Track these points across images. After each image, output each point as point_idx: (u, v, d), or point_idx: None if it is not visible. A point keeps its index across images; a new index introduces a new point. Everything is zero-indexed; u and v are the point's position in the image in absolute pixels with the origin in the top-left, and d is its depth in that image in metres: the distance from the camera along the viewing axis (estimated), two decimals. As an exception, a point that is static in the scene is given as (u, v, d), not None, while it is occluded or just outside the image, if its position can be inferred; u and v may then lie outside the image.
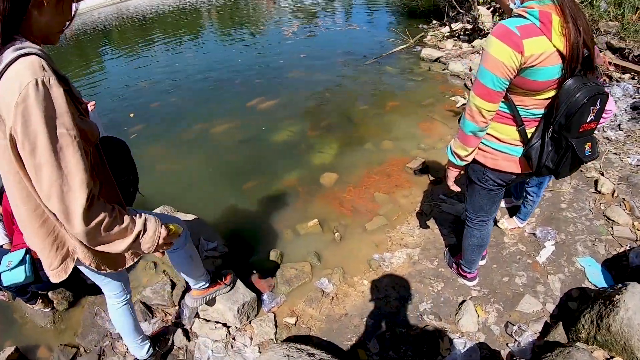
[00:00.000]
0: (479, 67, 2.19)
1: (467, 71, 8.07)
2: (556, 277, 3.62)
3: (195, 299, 3.29)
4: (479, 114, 2.25)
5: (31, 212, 1.73)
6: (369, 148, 5.99)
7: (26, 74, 1.37)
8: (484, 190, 2.79)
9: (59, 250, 1.87)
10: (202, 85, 9.23)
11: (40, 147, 1.42)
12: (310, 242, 4.39)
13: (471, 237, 3.21)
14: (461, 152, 2.48)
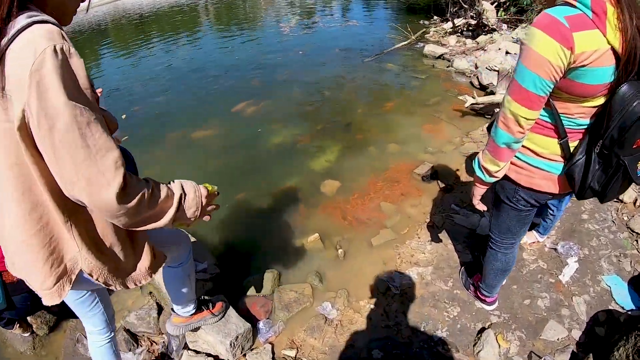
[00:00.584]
0: (517, 66, 1.81)
1: (473, 68, 7.75)
2: (581, 298, 3.26)
3: (176, 327, 2.95)
4: (516, 122, 1.86)
5: (26, 215, 1.44)
6: (372, 152, 5.62)
7: (42, 40, 1.17)
8: (513, 211, 2.41)
9: (54, 267, 1.55)
10: (197, 84, 8.93)
11: (62, 122, 1.20)
12: (311, 259, 4.02)
13: (495, 261, 2.84)
14: (491, 167, 2.09)
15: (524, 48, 1.76)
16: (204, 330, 3.07)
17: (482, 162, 2.14)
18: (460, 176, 4.78)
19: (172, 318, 2.95)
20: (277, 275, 3.82)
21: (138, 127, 7.12)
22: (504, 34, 8.80)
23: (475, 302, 3.32)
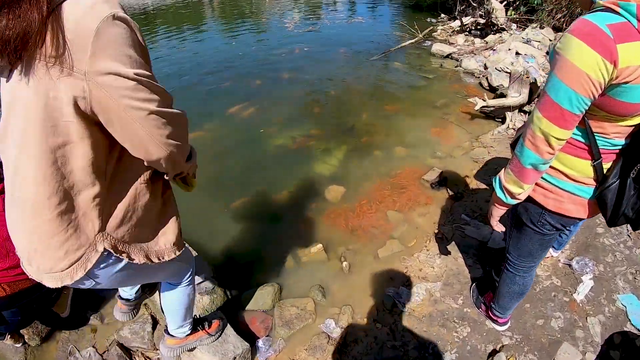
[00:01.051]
0: (550, 78, 1.59)
1: (482, 69, 7.58)
2: (596, 319, 3.08)
3: (170, 349, 2.79)
4: (545, 142, 1.66)
5: (52, 195, 1.34)
6: (378, 156, 5.43)
7: (103, 5, 1.16)
8: (537, 235, 2.22)
9: (68, 253, 1.46)
10: (198, 82, 8.74)
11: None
12: (314, 272, 3.82)
13: (512, 284, 2.65)
14: (515, 189, 1.89)
15: (558, 58, 1.54)
16: (199, 350, 2.91)
17: (504, 182, 1.93)
18: (470, 183, 4.59)
19: (165, 339, 2.79)
20: (278, 288, 3.64)
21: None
22: (514, 33, 8.61)
23: (486, 321, 3.14)
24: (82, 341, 3.41)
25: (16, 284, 2.88)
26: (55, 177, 1.32)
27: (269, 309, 3.48)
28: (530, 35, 8.07)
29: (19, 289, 2.90)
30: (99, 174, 1.41)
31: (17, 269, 2.86)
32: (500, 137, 5.34)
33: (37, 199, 1.35)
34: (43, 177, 1.31)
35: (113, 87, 1.20)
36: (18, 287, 2.89)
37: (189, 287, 2.41)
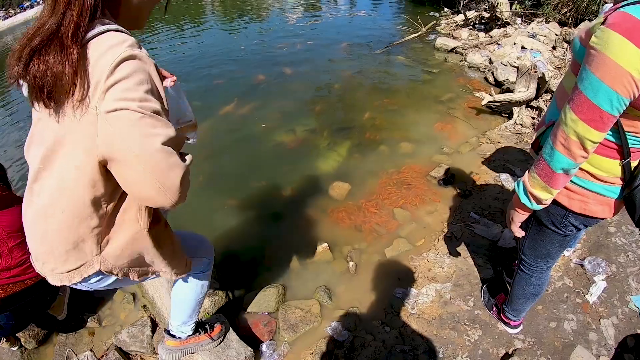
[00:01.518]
0: (587, 77, 1.45)
1: (487, 63, 7.45)
2: (609, 321, 2.97)
3: (170, 351, 2.70)
4: (580, 145, 1.52)
5: (63, 211, 1.47)
6: (384, 151, 5.31)
7: (120, 46, 1.27)
8: (557, 236, 2.10)
9: (69, 261, 1.58)
10: (199, 76, 8.70)
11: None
12: (319, 272, 3.72)
13: (527, 285, 2.53)
14: (542, 194, 1.74)
15: (596, 55, 1.41)
16: (200, 356, 2.80)
17: (529, 188, 1.78)
18: (478, 180, 4.47)
19: (165, 341, 2.71)
20: (282, 290, 3.53)
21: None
22: (519, 28, 8.48)
23: (498, 324, 3.03)
24: (79, 344, 3.33)
25: (9, 286, 2.82)
26: (65, 198, 1.44)
27: (273, 312, 3.37)
28: (535, 30, 7.94)
29: (12, 292, 2.83)
30: (97, 209, 1.49)
31: (9, 271, 2.79)
32: (507, 132, 5.23)
33: (49, 211, 1.47)
34: (59, 194, 1.44)
35: (120, 121, 1.27)
36: (11, 290, 2.82)
37: (202, 278, 2.37)
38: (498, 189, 4.25)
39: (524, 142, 4.94)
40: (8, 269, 2.78)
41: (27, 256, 2.81)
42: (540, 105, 5.36)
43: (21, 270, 2.85)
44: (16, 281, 2.82)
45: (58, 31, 1.25)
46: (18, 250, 2.83)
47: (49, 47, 1.25)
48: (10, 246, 2.79)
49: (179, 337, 2.68)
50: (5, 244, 2.78)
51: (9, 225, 2.82)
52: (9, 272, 2.78)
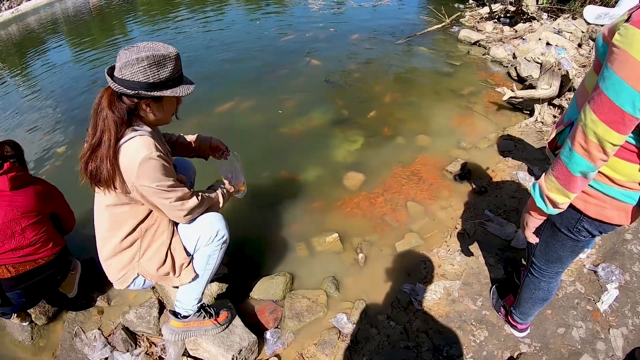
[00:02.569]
0: (609, 76, 1.39)
1: (511, 58, 7.33)
2: (619, 331, 2.91)
3: (173, 331, 2.79)
4: (600, 148, 1.46)
5: (112, 237, 2.43)
6: (400, 143, 5.27)
7: (139, 153, 2.10)
8: (570, 241, 2.05)
9: (121, 270, 2.53)
10: (222, 58, 8.77)
11: (151, 196, 2.24)
12: (328, 263, 3.71)
13: (536, 290, 2.49)
14: (559, 198, 1.68)
15: (620, 54, 1.35)
16: (204, 341, 2.83)
17: (546, 191, 1.71)
18: (494, 177, 4.41)
19: (169, 321, 2.80)
20: (290, 278, 3.53)
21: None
22: (544, 23, 8.34)
23: (505, 326, 3.00)
24: (88, 322, 3.37)
25: (21, 265, 2.86)
26: (115, 227, 2.40)
27: (280, 299, 3.38)
28: (561, 26, 7.80)
29: (23, 271, 2.88)
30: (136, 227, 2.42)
31: (22, 250, 2.83)
32: (527, 130, 5.15)
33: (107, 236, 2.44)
34: (111, 226, 2.40)
35: (145, 190, 2.17)
36: (23, 269, 2.87)
37: (210, 246, 2.54)
38: (514, 188, 4.19)
39: (544, 140, 4.86)
40: (20, 248, 2.81)
41: (40, 236, 2.85)
42: (562, 104, 5.27)
43: (33, 249, 2.88)
44: (28, 260, 2.86)
45: (99, 147, 2.10)
46: (31, 230, 2.86)
47: (96, 156, 2.10)
48: (23, 226, 2.82)
49: (183, 316, 2.74)
50: (18, 224, 2.80)
51: (24, 205, 2.85)
52: (22, 251, 2.81)
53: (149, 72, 2.07)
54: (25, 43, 14.60)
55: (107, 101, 2.11)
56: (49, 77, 9.72)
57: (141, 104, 2.17)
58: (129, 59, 2.04)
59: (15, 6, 25.44)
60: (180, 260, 2.48)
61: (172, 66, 2.16)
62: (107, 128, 2.08)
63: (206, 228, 2.48)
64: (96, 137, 2.11)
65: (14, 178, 2.86)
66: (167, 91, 2.17)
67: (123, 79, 2.07)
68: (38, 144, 6.37)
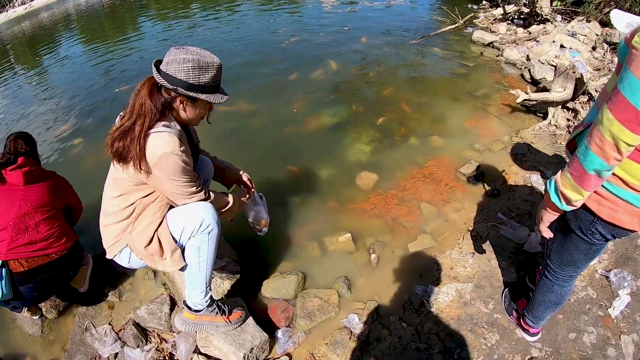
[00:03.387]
0: (626, 77, 1.40)
1: (524, 60, 7.28)
2: (629, 337, 2.87)
3: (185, 322, 2.83)
4: (614, 147, 1.46)
5: (114, 207, 2.52)
6: (413, 144, 5.24)
7: (164, 147, 2.22)
8: (584, 244, 2.04)
9: (115, 240, 2.62)
10: (234, 55, 8.86)
11: (168, 186, 2.38)
12: (340, 262, 3.70)
13: (549, 293, 2.48)
14: (572, 195, 1.69)
15: (637, 55, 1.36)
16: (216, 338, 2.82)
17: (560, 187, 1.73)
18: (508, 180, 4.38)
19: (182, 312, 2.85)
20: (302, 277, 3.53)
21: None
22: (558, 25, 8.29)
23: (516, 330, 2.98)
24: (98, 317, 3.38)
25: (34, 259, 2.86)
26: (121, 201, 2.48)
27: (291, 298, 3.38)
28: (575, 29, 7.75)
29: (36, 265, 2.88)
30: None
31: (35, 244, 2.83)
32: (541, 133, 5.11)
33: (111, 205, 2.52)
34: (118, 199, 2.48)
35: (159, 178, 2.30)
36: (35, 263, 2.87)
37: (197, 237, 2.56)
38: (527, 191, 4.16)
39: (558, 143, 4.83)
40: (34, 242, 2.81)
41: (53, 231, 2.86)
42: (576, 107, 5.23)
43: (46, 244, 2.88)
44: (40, 255, 2.86)
45: (131, 129, 2.21)
46: (44, 225, 2.87)
47: (126, 136, 2.21)
48: (37, 220, 2.83)
49: (194, 309, 2.77)
50: (32, 218, 2.81)
51: (37, 199, 2.86)
52: (35, 246, 2.82)
53: (191, 73, 2.23)
54: (38, 38, 14.70)
55: (147, 90, 2.25)
56: (60, 71, 9.96)
57: (177, 100, 2.32)
58: (176, 57, 2.22)
59: (29, 2, 25.62)
60: (167, 245, 2.52)
61: (212, 74, 2.32)
62: (142, 113, 2.22)
63: (190, 218, 2.50)
64: (130, 119, 2.23)
65: (28, 172, 2.87)
66: (202, 95, 2.32)
67: (167, 73, 2.24)
68: (48, 137, 6.40)
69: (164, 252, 2.53)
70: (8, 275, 2.82)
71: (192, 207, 2.53)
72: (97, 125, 6.71)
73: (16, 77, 10.55)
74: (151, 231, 2.48)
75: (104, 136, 2.34)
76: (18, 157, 2.89)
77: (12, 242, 2.77)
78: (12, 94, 9.52)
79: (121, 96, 7.76)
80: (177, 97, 2.31)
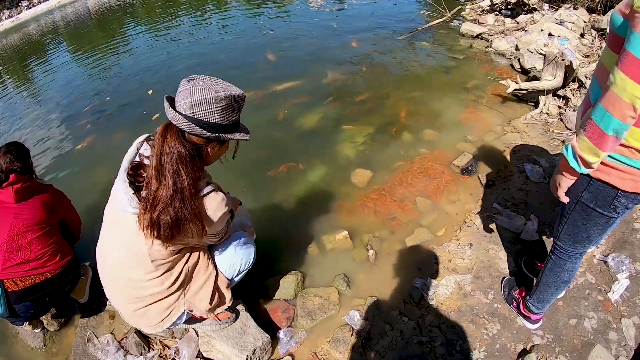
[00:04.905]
0: (635, 38, 1.46)
1: (514, 50, 7.29)
2: (630, 320, 2.88)
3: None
4: (629, 105, 1.51)
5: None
6: (406, 138, 5.25)
7: (221, 204, 2.12)
8: (603, 219, 2.08)
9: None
10: (225, 58, 8.90)
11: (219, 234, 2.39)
12: (339, 260, 3.70)
13: (562, 272, 2.50)
14: (590, 157, 1.73)
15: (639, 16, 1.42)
16: (218, 341, 2.83)
17: (578, 151, 1.76)
18: (502, 170, 4.39)
19: None
20: (301, 277, 3.53)
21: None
22: (546, 14, 8.31)
23: (517, 318, 2.99)
24: (100, 327, 3.37)
25: (28, 279, 2.84)
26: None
27: (292, 298, 3.39)
28: (563, 16, 7.76)
29: (31, 284, 2.87)
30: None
31: (28, 264, 2.81)
32: (533, 121, 5.12)
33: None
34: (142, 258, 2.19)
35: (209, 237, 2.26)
36: (30, 282, 2.87)
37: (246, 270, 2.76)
38: (522, 180, 4.17)
39: (550, 131, 4.83)
40: (27, 261, 2.79)
41: (46, 250, 2.84)
42: (567, 94, 5.25)
43: (40, 263, 2.86)
44: (35, 274, 2.85)
45: (175, 194, 1.87)
46: (37, 243, 2.84)
47: (173, 205, 1.88)
48: (29, 239, 2.80)
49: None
50: (24, 237, 2.79)
51: (29, 218, 2.83)
52: (28, 265, 2.80)
53: (225, 113, 1.95)
54: (27, 51, 14.67)
55: (175, 141, 1.88)
56: (50, 82, 9.87)
57: (209, 145, 2.03)
58: (205, 97, 1.86)
59: (16, 15, 25.55)
60: (224, 290, 2.53)
61: (241, 108, 2.09)
62: (183, 173, 1.88)
63: (243, 257, 2.63)
64: (167, 186, 1.86)
65: (20, 190, 2.84)
66: (237, 134, 2.09)
67: (197, 119, 1.89)
68: (41, 147, 6.40)
69: (225, 297, 2.54)
70: (3, 294, 2.81)
71: (241, 246, 2.63)
72: (90, 132, 6.70)
73: (7, 89, 10.55)
74: (210, 287, 2.41)
75: (102, 141, 2.28)
76: (9, 174, 2.85)
77: (5, 262, 2.75)
78: (5, 104, 9.55)
79: (111, 104, 7.79)
80: (210, 143, 2.02)
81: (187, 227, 1.93)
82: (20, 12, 26.51)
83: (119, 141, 6.09)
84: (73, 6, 23.71)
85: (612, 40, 1.70)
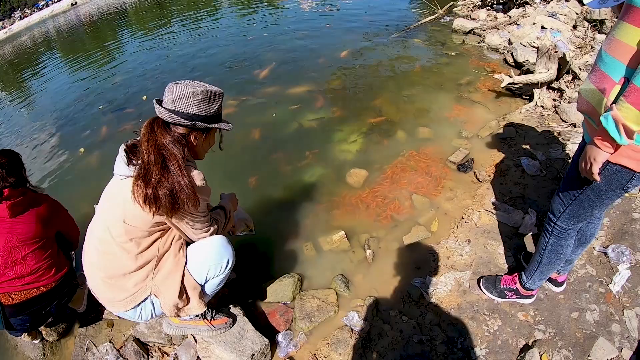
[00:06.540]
0: None
1: (506, 44, 7.31)
2: (632, 312, 2.86)
3: (170, 326, 2.88)
4: None
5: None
6: (401, 137, 5.24)
7: (204, 180, 2.30)
8: (613, 198, 2.12)
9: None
10: (218, 60, 8.91)
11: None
12: (336, 261, 3.68)
13: (564, 249, 2.54)
14: (635, 126, 1.68)
15: None
16: (216, 347, 2.80)
17: (622, 120, 1.69)
18: (498, 165, 4.37)
19: (168, 316, 2.79)
20: (299, 279, 3.50)
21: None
22: (538, 7, 8.30)
23: (517, 314, 2.96)
24: (99, 336, 3.34)
25: (24, 293, 2.81)
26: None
27: (290, 301, 3.36)
28: (555, 9, 7.76)
29: (25, 299, 2.84)
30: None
31: (22, 279, 2.78)
32: (528, 115, 5.11)
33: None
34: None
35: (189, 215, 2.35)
36: (25, 297, 2.84)
37: (220, 275, 2.63)
38: (519, 174, 4.14)
39: (545, 124, 4.82)
40: (21, 276, 2.76)
41: (42, 264, 2.81)
42: (561, 87, 5.24)
43: (35, 277, 2.83)
44: (30, 288, 2.82)
45: (166, 173, 2.12)
46: (32, 258, 2.80)
47: (164, 181, 2.11)
48: (24, 254, 2.77)
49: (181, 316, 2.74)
50: (19, 252, 2.75)
51: (24, 232, 2.79)
52: (23, 280, 2.77)
53: (202, 105, 2.24)
54: (21, 61, 14.67)
55: (160, 130, 2.18)
56: (44, 90, 9.94)
57: (192, 135, 2.30)
58: (183, 92, 2.18)
59: (8, 26, 25.57)
60: (191, 289, 2.51)
61: (219, 102, 2.37)
62: (169, 154, 2.15)
63: (215, 260, 2.52)
64: (157, 166, 2.12)
65: (14, 204, 2.78)
66: (216, 124, 2.36)
67: (177, 110, 2.19)
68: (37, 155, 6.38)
69: (190, 298, 2.53)
70: None
71: (213, 246, 2.56)
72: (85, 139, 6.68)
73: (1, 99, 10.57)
74: (179, 276, 2.45)
75: (99, 145, 2.29)
76: (3, 189, 2.81)
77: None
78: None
79: (105, 112, 7.76)
80: (191, 132, 2.30)
81: (183, 193, 2.15)
82: (13, 22, 26.55)
83: (114, 148, 6.05)
84: (65, 15, 23.71)
85: (628, 13, 1.70)
